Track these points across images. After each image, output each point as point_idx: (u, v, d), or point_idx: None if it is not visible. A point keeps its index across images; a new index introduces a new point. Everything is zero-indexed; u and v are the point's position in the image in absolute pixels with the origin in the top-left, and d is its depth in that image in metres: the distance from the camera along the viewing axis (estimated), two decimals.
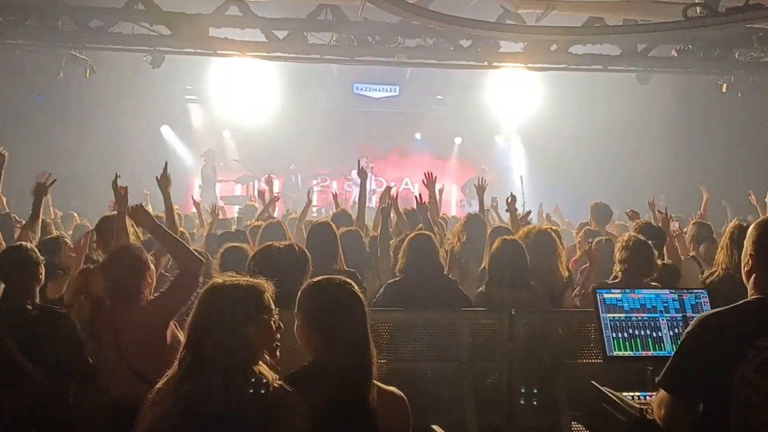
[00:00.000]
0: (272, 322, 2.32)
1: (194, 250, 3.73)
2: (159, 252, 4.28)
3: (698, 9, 5.71)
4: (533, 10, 9.05)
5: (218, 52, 10.18)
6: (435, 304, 4.46)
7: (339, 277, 2.50)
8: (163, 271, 4.26)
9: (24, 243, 4.02)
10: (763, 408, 2.21)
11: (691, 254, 5.94)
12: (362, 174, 7.01)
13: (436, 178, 7.22)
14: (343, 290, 2.41)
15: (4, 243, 5.04)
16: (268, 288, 2.37)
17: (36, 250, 3.85)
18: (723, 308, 2.40)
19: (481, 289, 4.70)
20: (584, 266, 5.78)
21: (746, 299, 2.42)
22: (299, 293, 2.45)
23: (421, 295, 4.44)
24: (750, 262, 2.44)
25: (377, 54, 10.08)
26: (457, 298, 4.58)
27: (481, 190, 7.33)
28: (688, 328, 2.39)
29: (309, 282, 2.47)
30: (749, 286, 2.46)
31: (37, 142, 12.75)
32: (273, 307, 2.35)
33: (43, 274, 3.77)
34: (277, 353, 2.33)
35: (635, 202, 12.97)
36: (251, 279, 2.37)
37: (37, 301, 3.70)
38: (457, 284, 4.74)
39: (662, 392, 2.40)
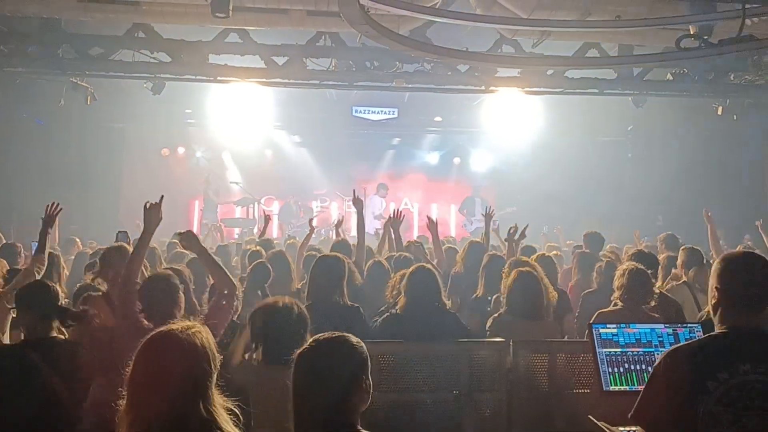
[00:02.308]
0: None
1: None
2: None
3: (692, 39, 5.81)
4: (529, 36, 9.17)
5: (218, 78, 10.22)
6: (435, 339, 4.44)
7: (338, 334, 2.33)
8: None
9: None
10: None
11: (683, 280, 5.98)
12: (358, 203, 6.94)
13: (435, 221, 7.44)
14: (326, 354, 2.26)
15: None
16: None
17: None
18: (691, 342, 2.50)
19: (497, 315, 4.78)
20: (587, 291, 5.83)
21: (713, 333, 2.48)
22: None
23: (422, 331, 4.38)
24: (716, 295, 2.50)
25: (376, 79, 10.13)
26: (459, 335, 4.56)
27: (488, 218, 7.40)
28: (656, 362, 2.46)
29: (311, 339, 2.33)
30: (716, 320, 2.52)
31: (38, 166, 12.83)
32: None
33: None
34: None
35: (635, 222, 13.05)
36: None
37: None
38: (459, 319, 4.74)
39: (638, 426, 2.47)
